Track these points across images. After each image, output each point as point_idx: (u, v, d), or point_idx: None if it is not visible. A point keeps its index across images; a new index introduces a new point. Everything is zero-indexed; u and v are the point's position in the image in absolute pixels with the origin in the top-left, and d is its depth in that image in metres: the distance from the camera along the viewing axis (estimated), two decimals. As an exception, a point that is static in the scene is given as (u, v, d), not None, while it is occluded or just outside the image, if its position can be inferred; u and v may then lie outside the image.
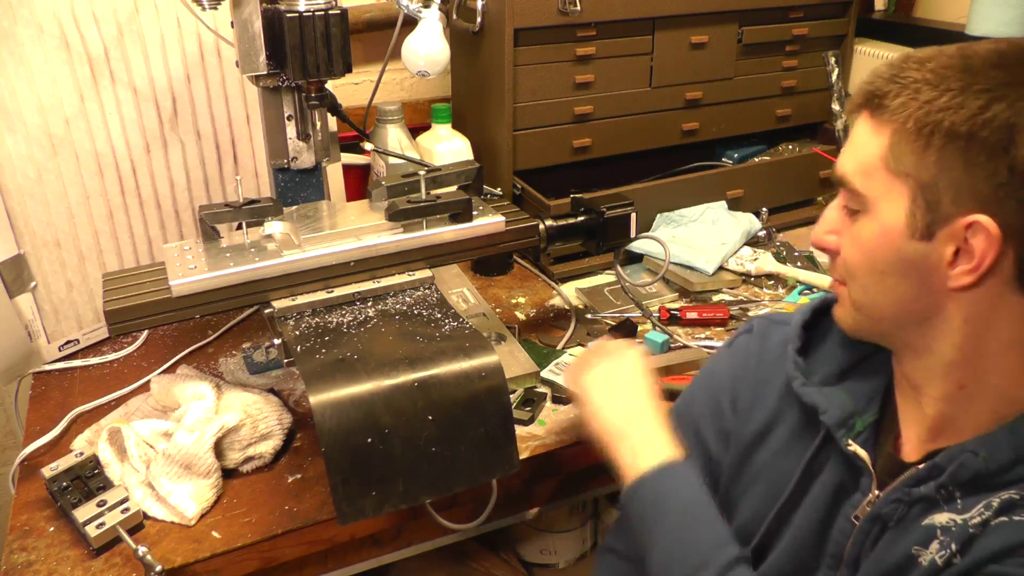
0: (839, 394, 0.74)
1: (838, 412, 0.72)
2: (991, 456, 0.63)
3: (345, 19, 0.98)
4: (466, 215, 1.03)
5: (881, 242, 0.64)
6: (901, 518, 0.67)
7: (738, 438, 0.82)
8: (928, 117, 0.60)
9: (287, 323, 0.94)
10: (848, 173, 0.66)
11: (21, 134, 1.07)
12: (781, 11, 1.55)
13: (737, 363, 0.85)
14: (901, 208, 0.62)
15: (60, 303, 1.16)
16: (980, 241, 0.59)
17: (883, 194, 0.63)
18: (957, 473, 0.64)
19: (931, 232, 0.61)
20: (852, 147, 0.67)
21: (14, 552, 0.86)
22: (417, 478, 0.81)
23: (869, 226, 0.65)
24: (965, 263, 0.61)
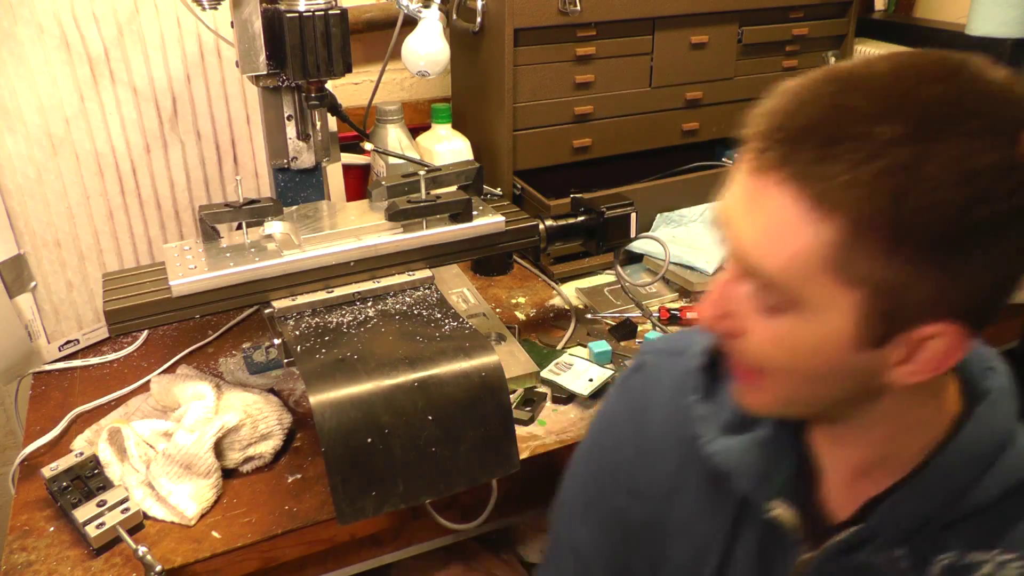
0: (750, 449, 0.64)
1: (752, 474, 0.63)
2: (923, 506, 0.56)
3: (345, 19, 0.98)
4: (466, 215, 1.03)
5: (818, 351, 0.52)
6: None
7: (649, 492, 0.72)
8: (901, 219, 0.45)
9: (287, 323, 0.94)
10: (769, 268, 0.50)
11: (21, 134, 1.07)
12: (781, 11, 1.55)
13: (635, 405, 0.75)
14: (848, 317, 0.49)
15: (60, 303, 1.16)
16: (942, 344, 0.50)
17: (826, 300, 0.49)
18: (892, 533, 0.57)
19: (885, 341, 0.50)
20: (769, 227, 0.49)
21: (14, 552, 0.85)
22: (417, 478, 0.81)
23: (799, 329, 0.52)
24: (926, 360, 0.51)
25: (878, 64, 0.50)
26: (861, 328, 0.50)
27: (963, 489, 0.56)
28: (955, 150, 0.45)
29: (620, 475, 0.75)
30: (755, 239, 0.51)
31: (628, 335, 1.21)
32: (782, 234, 0.49)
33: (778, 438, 0.64)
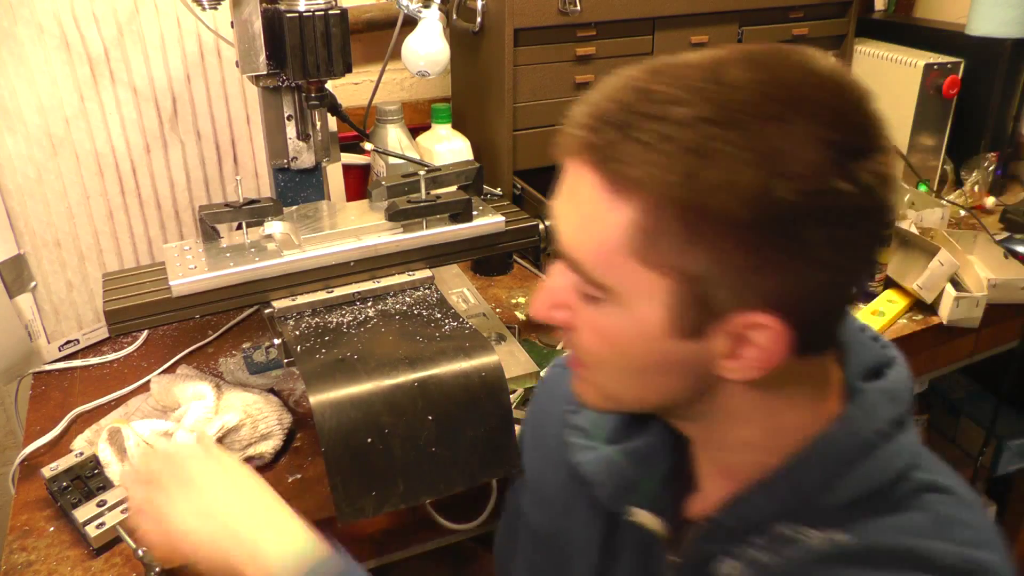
0: (616, 458, 0.64)
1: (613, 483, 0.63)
2: (768, 506, 0.55)
3: (345, 19, 0.98)
4: (466, 215, 1.03)
5: (635, 340, 0.51)
6: None
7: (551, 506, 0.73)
8: (693, 198, 0.45)
9: (287, 323, 0.94)
10: (578, 257, 0.50)
11: (21, 134, 1.07)
12: (781, 11, 1.55)
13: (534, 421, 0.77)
14: (659, 304, 0.49)
15: (60, 303, 1.16)
16: (765, 338, 0.48)
17: (633, 286, 0.49)
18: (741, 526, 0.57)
19: (701, 331, 0.49)
20: (577, 217, 0.50)
21: (14, 552, 0.85)
22: (417, 478, 0.81)
23: (615, 319, 0.51)
24: (750, 355, 0.50)
25: (696, 53, 0.49)
26: (674, 316, 0.49)
27: (816, 491, 0.54)
28: (754, 133, 0.44)
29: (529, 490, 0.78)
30: (568, 228, 0.51)
31: None
32: (589, 221, 0.49)
33: (650, 447, 0.63)
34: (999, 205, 1.60)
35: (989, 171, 1.61)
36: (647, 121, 0.46)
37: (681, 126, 0.45)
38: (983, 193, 1.61)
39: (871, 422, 0.54)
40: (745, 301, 0.47)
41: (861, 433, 0.54)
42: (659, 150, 0.45)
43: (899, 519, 0.52)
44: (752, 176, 0.44)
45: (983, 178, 1.60)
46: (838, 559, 0.51)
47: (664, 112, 0.45)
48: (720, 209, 0.44)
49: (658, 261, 0.47)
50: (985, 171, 1.60)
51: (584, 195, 0.49)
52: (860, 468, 0.53)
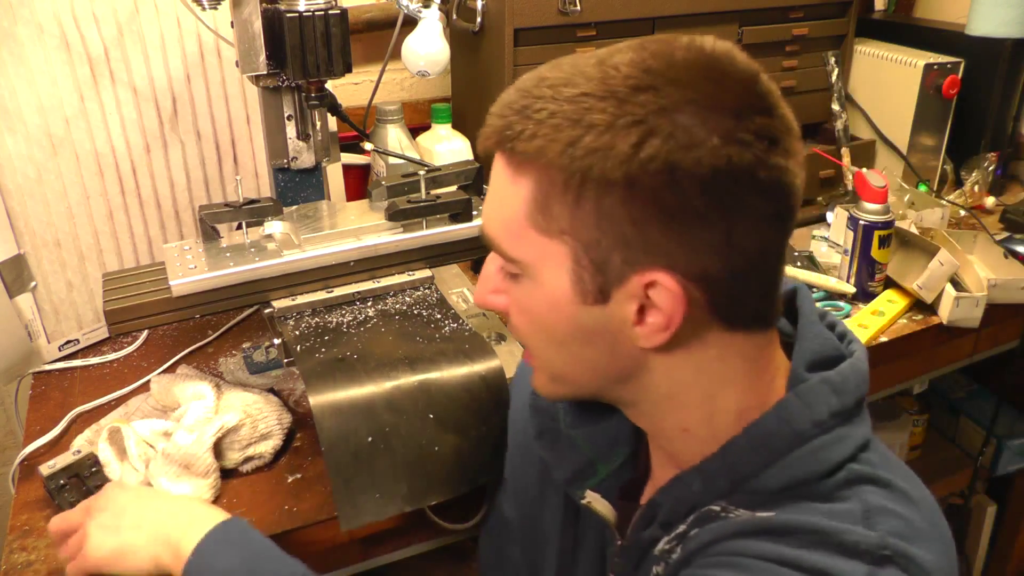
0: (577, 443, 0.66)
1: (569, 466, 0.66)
2: (705, 488, 0.56)
3: (345, 19, 0.98)
4: (466, 215, 1.03)
5: (550, 311, 0.54)
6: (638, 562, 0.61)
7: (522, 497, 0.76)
8: (575, 163, 0.49)
9: (287, 323, 0.94)
10: (495, 235, 0.55)
11: (21, 134, 1.07)
12: (781, 11, 1.55)
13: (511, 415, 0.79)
14: (563, 272, 0.52)
15: (60, 303, 1.16)
16: (664, 299, 0.51)
17: (539, 257, 0.53)
18: (675, 508, 0.58)
19: (605, 294, 0.52)
20: (492, 200, 0.55)
21: (14, 552, 0.85)
22: (420, 480, 0.81)
23: (532, 292, 0.55)
24: (654, 319, 0.52)
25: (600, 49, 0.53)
26: (576, 282, 0.52)
27: (747, 476, 0.55)
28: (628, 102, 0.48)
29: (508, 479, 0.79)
30: (486, 211, 0.56)
31: None
32: (499, 201, 0.54)
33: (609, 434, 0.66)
34: (999, 205, 1.60)
35: (989, 171, 1.61)
36: (540, 102, 0.50)
37: (566, 102, 0.49)
38: (983, 193, 1.61)
39: (810, 412, 0.55)
40: (636, 261, 0.50)
41: (796, 422, 0.55)
42: (547, 124, 0.49)
43: (826, 505, 0.53)
44: (623, 140, 0.48)
45: (983, 178, 1.60)
46: (755, 533, 0.52)
47: (555, 93, 0.50)
48: (598, 173, 0.48)
49: (554, 228, 0.51)
50: (985, 171, 1.60)
51: (495, 179, 0.54)
52: (792, 456, 0.54)
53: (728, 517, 0.55)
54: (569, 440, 0.67)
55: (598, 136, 0.48)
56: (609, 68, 0.50)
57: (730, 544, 0.53)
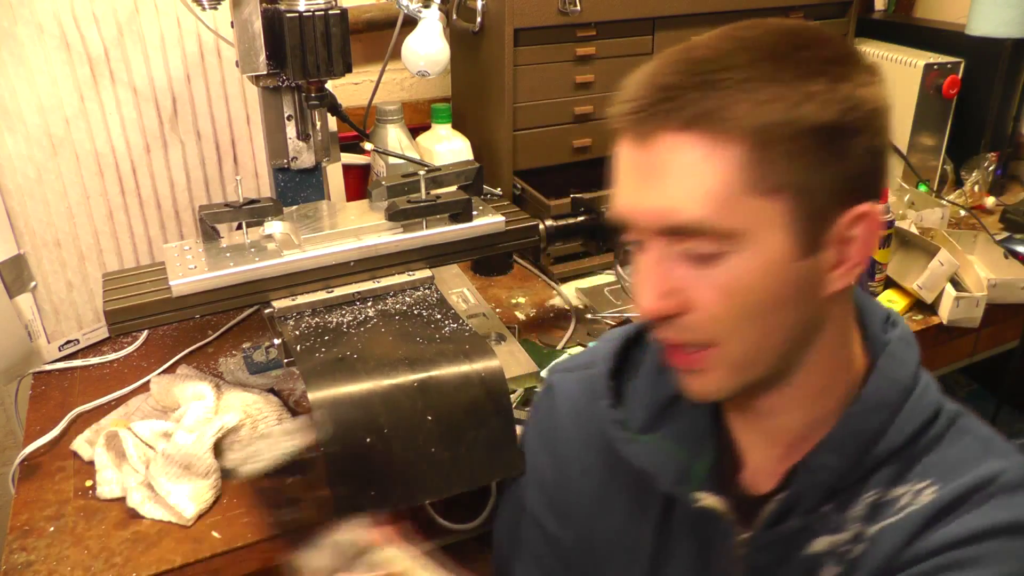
0: (666, 447, 0.65)
1: (672, 471, 0.64)
2: (839, 462, 0.59)
3: (345, 19, 0.98)
4: (466, 215, 1.03)
5: (764, 276, 0.54)
6: (780, 558, 0.61)
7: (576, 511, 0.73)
8: (786, 115, 0.51)
9: (287, 323, 0.94)
10: (693, 217, 0.52)
11: (21, 134, 1.07)
12: (781, 11, 1.55)
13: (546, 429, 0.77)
14: (779, 228, 0.53)
15: (60, 303, 1.16)
16: (862, 231, 0.55)
17: (755, 221, 0.52)
18: (814, 493, 0.59)
19: (817, 242, 0.54)
20: (682, 181, 0.52)
21: (14, 552, 0.86)
22: (416, 479, 0.81)
23: (742, 266, 0.53)
24: (849, 260, 0.56)
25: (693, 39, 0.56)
26: (793, 235, 0.53)
27: (874, 438, 0.59)
28: (799, 60, 0.52)
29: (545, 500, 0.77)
30: (673, 199, 0.53)
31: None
32: (694, 180, 0.52)
33: (695, 430, 0.66)
34: (999, 205, 1.60)
35: (989, 171, 1.61)
36: (716, 75, 0.52)
37: (744, 69, 0.51)
38: (983, 193, 1.61)
39: (904, 367, 0.61)
40: (847, 199, 0.54)
41: (900, 378, 0.60)
42: (741, 90, 0.51)
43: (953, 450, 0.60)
44: (817, 88, 0.51)
45: (983, 178, 1.60)
46: (945, 513, 0.57)
47: (726, 63, 0.52)
48: (809, 121, 0.51)
49: (769, 187, 0.52)
50: (985, 171, 1.60)
51: (677, 162, 0.52)
52: (906, 410, 0.60)
53: (898, 503, 0.58)
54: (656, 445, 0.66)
55: (795, 89, 0.51)
56: (748, 40, 0.54)
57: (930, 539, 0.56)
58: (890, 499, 0.59)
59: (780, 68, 0.52)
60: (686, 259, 0.55)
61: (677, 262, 0.55)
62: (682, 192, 0.53)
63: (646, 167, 0.54)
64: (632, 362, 0.72)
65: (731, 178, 0.52)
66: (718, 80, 0.51)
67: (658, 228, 0.54)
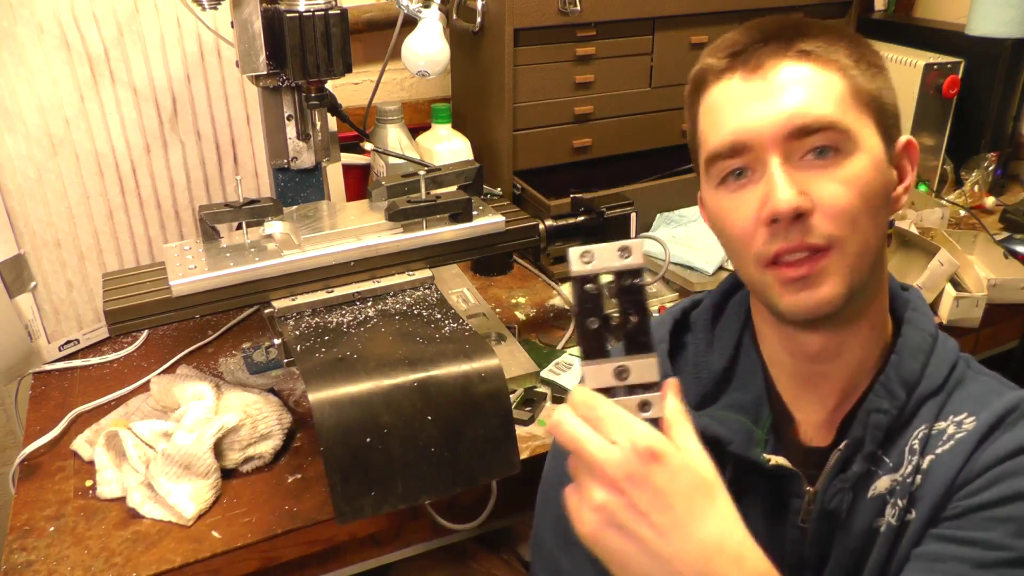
0: (729, 416, 0.70)
1: (741, 436, 0.68)
2: (892, 404, 0.66)
3: (345, 19, 0.98)
4: (466, 215, 1.03)
5: (875, 173, 0.65)
6: (849, 503, 0.67)
7: None
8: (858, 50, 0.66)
9: (287, 323, 0.94)
10: (825, 115, 0.62)
11: (21, 134, 1.07)
12: (781, 11, 1.55)
13: None
14: (873, 133, 0.65)
15: (60, 303, 1.16)
16: (910, 158, 0.69)
17: (861, 127, 0.65)
18: (875, 436, 0.66)
19: (891, 155, 0.67)
20: (809, 91, 0.63)
21: (14, 552, 0.86)
22: (416, 478, 0.81)
23: (860, 162, 0.63)
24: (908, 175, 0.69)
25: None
26: (883, 142, 0.66)
27: (916, 382, 0.67)
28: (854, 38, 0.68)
29: None
30: (803, 103, 0.63)
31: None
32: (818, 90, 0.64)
33: (751, 397, 0.72)
34: (999, 205, 1.60)
35: (989, 171, 1.61)
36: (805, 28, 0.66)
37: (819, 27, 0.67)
38: (983, 193, 1.61)
39: (927, 319, 0.70)
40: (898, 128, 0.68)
41: (927, 328, 0.70)
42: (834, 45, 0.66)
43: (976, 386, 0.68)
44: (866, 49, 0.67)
45: (983, 178, 1.60)
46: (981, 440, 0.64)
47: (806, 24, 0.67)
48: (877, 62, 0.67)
49: (864, 100, 0.65)
50: (985, 171, 1.60)
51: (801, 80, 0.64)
52: (935, 356, 0.68)
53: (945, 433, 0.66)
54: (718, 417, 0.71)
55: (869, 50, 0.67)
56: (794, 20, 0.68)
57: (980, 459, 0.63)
58: (936, 432, 0.66)
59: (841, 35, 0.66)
60: (812, 162, 0.63)
61: (804, 166, 0.63)
62: (810, 97, 0.63)
63: (767, 90, 0.64)
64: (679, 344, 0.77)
65: (845, 92, 0.64)
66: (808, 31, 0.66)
67: (790, 131, 0.63)
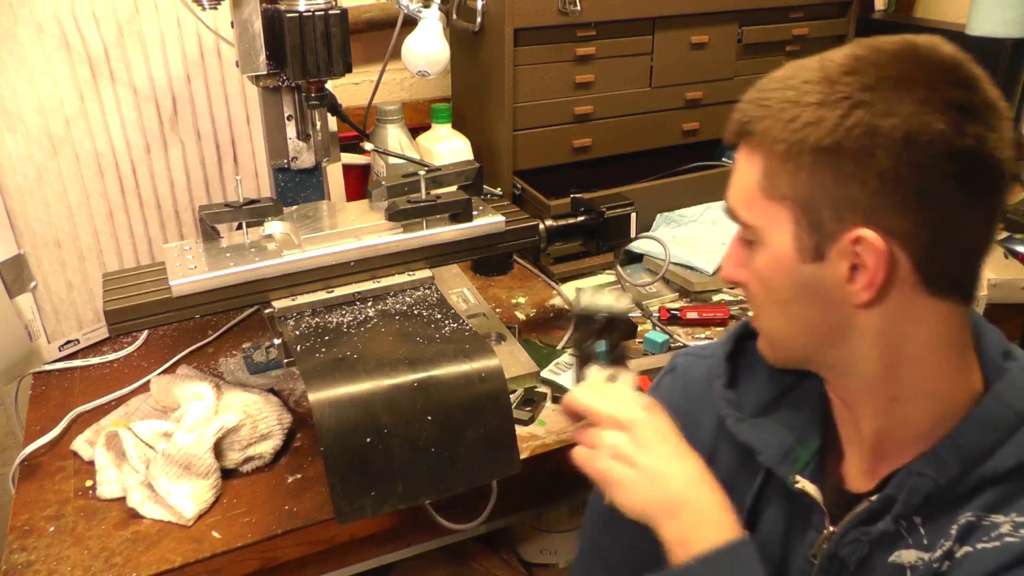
0: (775, 428, 0.70)
1: (776, 450, 0.68)
2: (939, 473, 0.60)
3: (345, 19, 0.98)
4: (466, 215, 1.03)
5: (775, 270, 0.62)
6: (863, 557, 0.63)
7: None
8: (793, 136, 0.58)
9: (287, 323, 0.94)
10: (734, 206, 0.64)
11: (21, 134, 1.07)
12: (781, 11, 1.55)
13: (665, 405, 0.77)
14: (787, 233, 0.60)
15: (60, 303, 1.16)
16: (869, 255, 0.57)
17: (767, 222, 0.62)
18: (909, 499, 0.61)
19: (821, 253, 0.59)
20: (735, 178, 0.65)
21: (14, 552, 0.86)
22: (416, 478, 0.81)
23: (762, 256, 0.63)
24: (862, 278, 0.58)
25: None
26: (796, 239, 0.60)
27: (979, 459, 0.59)
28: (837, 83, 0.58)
29: None
30: (730, 191, 0.65)
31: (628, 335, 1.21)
32: (738, 179, 0.64)
33: (804, 416, 0.70)
34: (999, 205, 1.60)
35: (989, 171, 1.61)
36: (770, 93, 0.60)
37: (789, 90, 0.59)
38: (983, 193, 1.61)
39: (1021, 396, 0.61)
40: (845, 219, 0.57)
41: (1016, 405, 0.61)
42: (774, 109, 0.59)
43: None
44: (832, 112, 0.56)
45: (983, 178, 1.60)
46: None
47: (782, 84, 0.60)
48: (813, 141, 0.57)
49: (778, 194, 0.60)
50: (985, 171, 1.60)
51: (737, 161, 0.64)
52: (1016, 437, 0.60)
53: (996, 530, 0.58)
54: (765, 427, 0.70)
55: (813, 112, 0.57)
56: (827, 60, 0.59)
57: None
58: (988, 524, 0.59)
59: (814, 91, 0.58)
60: (742, 242, 0.66)
61: (739, 243, 0.66)
62: (733, 187, 0.65)
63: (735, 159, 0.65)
64: (748, 356, 0.76)
65: (754, 182, 0.61)
66: (767, 99, 0.60)
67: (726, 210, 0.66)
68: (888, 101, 0.55)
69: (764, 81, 0.62)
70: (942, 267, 0.58)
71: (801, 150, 0.58)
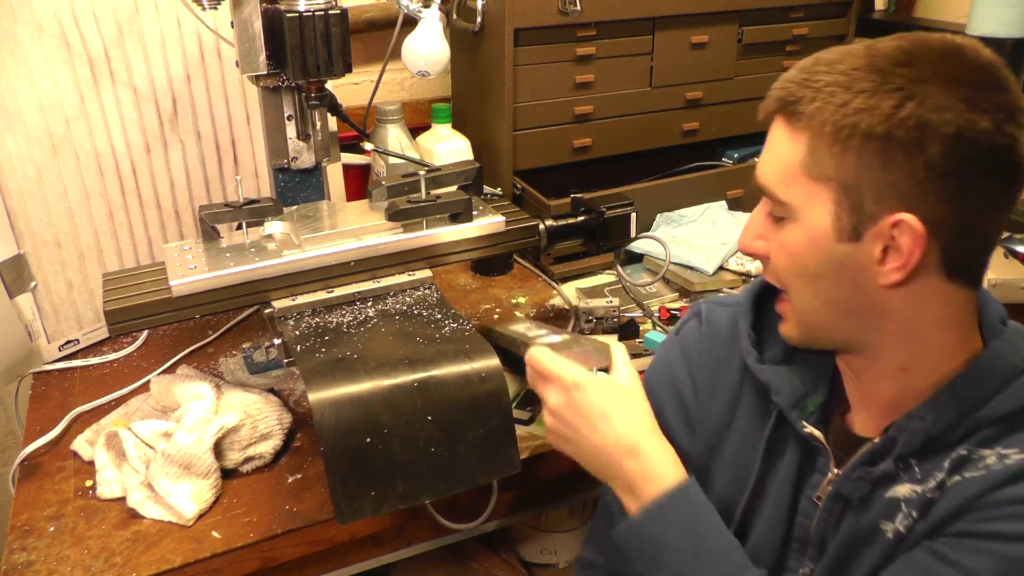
0: (789, 376, 0.74)
1: (789, 393, 0.73)
2: (937, 418, 0.65)
3: (345, 19, 0.98)
4: (466, 215, 1.03)
5: (809, 247, 0.65)
6: (864, 496, 0.68)
7: (704, 426, 0.81)
8: (844, 120, 0.60)
9: (287, 323, 0.94)
10: (769, 182, 0.66)
11: (21, 134, 1.07)
12: (781, 11, 1.55)
13: (690, 350, 0.84)
14: (826, 212, 0.63)
15: (60, 303, 1.16)
16: (906, 239, 0.61)
17: (806, 200, 0.64)
18: (909, 441, 0.65)
19: (858, 233, 0.62)
20: (770, 154, 0.67)
21: (14, 552, 0.86)
22: (416, 478, 0.81)
23: (795, 232, 0.65)
24: (894, 260, 0.62)
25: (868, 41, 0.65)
26: (835, 219, 0.63)
27: (975, 407, 0.65)
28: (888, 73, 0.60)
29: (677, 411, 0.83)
30: (764, 166, 0.67)
31: (629, 335, 1.21)
32: (776, 155, 0.66)
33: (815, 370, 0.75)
34: (999, 205, 1.59)
35: (989, 171, 1.61)
36: (817, 75, 0.62)
37: (839, 75, 0.61)
38: (983, 193, 1.61)
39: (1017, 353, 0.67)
40: (886, 204, 0.60)
41: (1011, 358, 0.66)
42: (823, 92, 0.61)
43: None
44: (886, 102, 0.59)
45: (983, 178, 1.60)
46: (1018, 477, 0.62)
47: (830, 68, 0.62)
48: (864, 127, 0.59)
49: (821, 175, 0.62)
50: (985, 171, 1.60)
51: (775, 137, 0.66)
52: (1014, 385, 0.65)
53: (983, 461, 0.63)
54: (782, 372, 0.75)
55: (866, 99, 0.59)
56: (874, 50, 0.62)
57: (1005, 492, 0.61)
58: (975, 457, 0.64)
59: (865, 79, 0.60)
60: (770, 216, 0.68)
61: (767, 217, 0.69)
62: (768, 162, 0.67)
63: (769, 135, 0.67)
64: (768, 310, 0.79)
65: (796, 161, 0.63)
66: (815, 80, 0.62)
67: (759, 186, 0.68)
68: (939, 96, 0.58)
69: (808, 62, 0.64)
70: (963, 255, 0.63)
71: (851, 134, 0.60)
